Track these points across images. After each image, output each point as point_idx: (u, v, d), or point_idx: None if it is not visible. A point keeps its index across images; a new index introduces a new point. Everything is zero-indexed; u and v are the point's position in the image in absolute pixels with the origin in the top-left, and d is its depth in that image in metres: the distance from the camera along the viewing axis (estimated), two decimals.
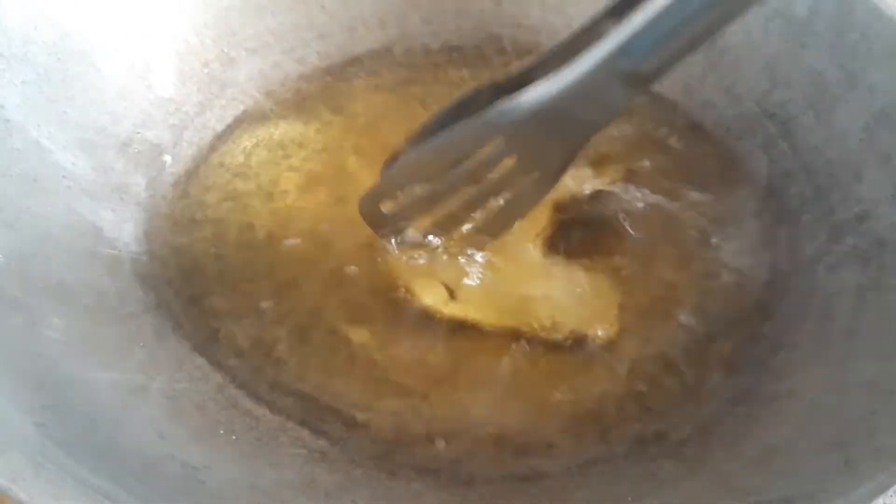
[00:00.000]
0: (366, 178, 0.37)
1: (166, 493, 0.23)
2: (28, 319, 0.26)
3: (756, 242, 0.34)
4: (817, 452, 0.24)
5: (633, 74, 0.26)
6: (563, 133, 0.28)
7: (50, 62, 0.33)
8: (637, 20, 0.25)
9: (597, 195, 0.36)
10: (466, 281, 0.33)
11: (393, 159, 0.31)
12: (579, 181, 0.36)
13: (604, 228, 0.35)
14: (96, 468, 0.22)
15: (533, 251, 0.34)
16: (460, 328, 0.31)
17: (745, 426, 0.27)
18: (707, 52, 0.39)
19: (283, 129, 0.39)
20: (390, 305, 0.32)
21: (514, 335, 0.31)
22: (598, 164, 0.37)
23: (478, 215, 0.32)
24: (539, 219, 0.34)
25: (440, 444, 0.28)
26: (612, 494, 0.27)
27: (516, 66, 0.29)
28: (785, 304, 0.32)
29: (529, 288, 0.33)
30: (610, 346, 0.31)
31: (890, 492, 0.22)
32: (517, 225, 0.33)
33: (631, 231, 0.35)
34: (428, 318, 0.32)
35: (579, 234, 0.35)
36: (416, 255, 0.33)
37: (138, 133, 0.35)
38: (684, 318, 0.32)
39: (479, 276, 0.33)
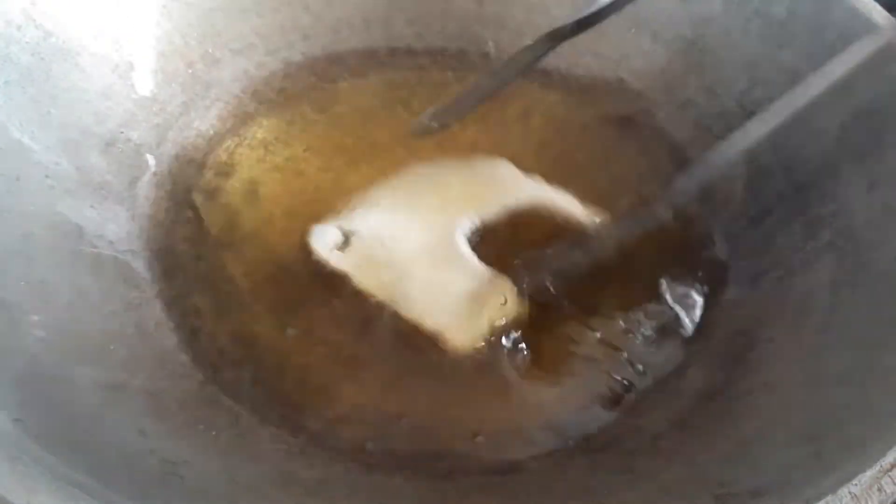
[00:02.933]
0: (348, 177, 0.37)
1: (145, 487, 0.24)
2: (9, 317, 0.27)
3: (734, 238, 0.34)
4: (789, 444, 0.25)
5: None
6: None
7: (33, 62, 0.33)
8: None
9: None
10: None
11: None
12: None
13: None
14: (74, 463, 0.22)
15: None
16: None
17: (720, 420, 0.28)
18: (688, 52, 0.40)
19: (266, 129, 0.39)
20: (365, 304, 0.32)
21: None
22: None
23: None
24: None
25: (419, 439, 0.29)
26: (588, 487, 0.27)
27: None
28: (762, 299, 0.32)
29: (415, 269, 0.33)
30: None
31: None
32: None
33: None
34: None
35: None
36: None
37: (122, 133, 0.35)
38: (662, 312, 0.32)
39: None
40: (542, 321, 0.32)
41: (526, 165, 0.38)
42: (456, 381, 0.31)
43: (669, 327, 0.32)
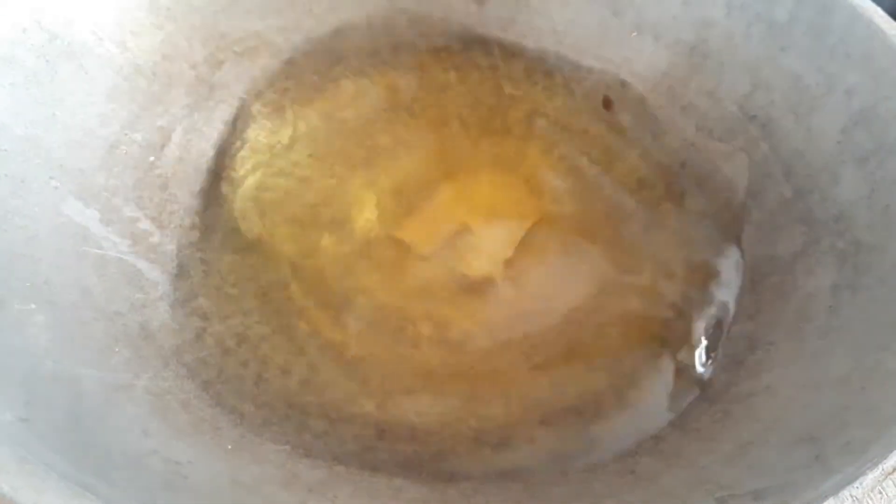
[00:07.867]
0: (352, 180, 0.37)
1: (149, 487, 0.24)
2: (13, 317, 0.27)
3: (736, 243, 0.35)
4: (789, 447, 0.25)
5: None
6: None
7: (38, 64, 0.33)
8: None
9: None
10: None
11: None
12: None
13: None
14: (79, 463, 0.22)
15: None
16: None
17: (722, 422, 0.28)
18: (690, 55, 0.40)
19: (270, 132, 0.39)
20: (371, 303, 0.32)
21: None
22: None
23: None
24: None
25: (422, 441, 0.29)
26: (591, 490, 0.27)
27: None
28: (763, 304, 0.32)
29: None
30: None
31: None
32: None
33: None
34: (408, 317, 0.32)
35: None
36: None
37: (126, 135, 0.35)
38: (664, 317, 0.32)
39: None
40: None
41: (529, 169, 0.38)
42: (459, 381, 0.31)
43: None
